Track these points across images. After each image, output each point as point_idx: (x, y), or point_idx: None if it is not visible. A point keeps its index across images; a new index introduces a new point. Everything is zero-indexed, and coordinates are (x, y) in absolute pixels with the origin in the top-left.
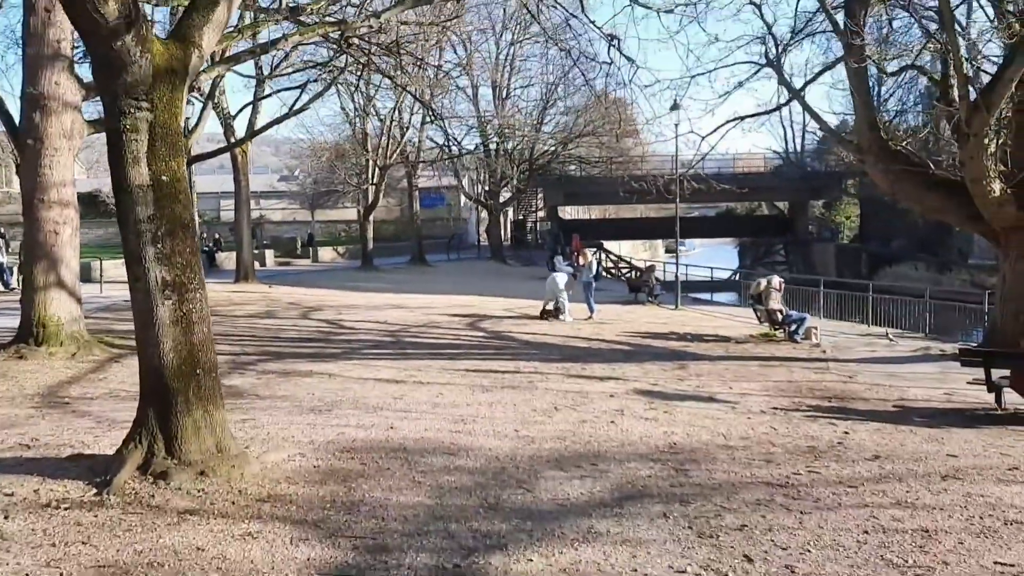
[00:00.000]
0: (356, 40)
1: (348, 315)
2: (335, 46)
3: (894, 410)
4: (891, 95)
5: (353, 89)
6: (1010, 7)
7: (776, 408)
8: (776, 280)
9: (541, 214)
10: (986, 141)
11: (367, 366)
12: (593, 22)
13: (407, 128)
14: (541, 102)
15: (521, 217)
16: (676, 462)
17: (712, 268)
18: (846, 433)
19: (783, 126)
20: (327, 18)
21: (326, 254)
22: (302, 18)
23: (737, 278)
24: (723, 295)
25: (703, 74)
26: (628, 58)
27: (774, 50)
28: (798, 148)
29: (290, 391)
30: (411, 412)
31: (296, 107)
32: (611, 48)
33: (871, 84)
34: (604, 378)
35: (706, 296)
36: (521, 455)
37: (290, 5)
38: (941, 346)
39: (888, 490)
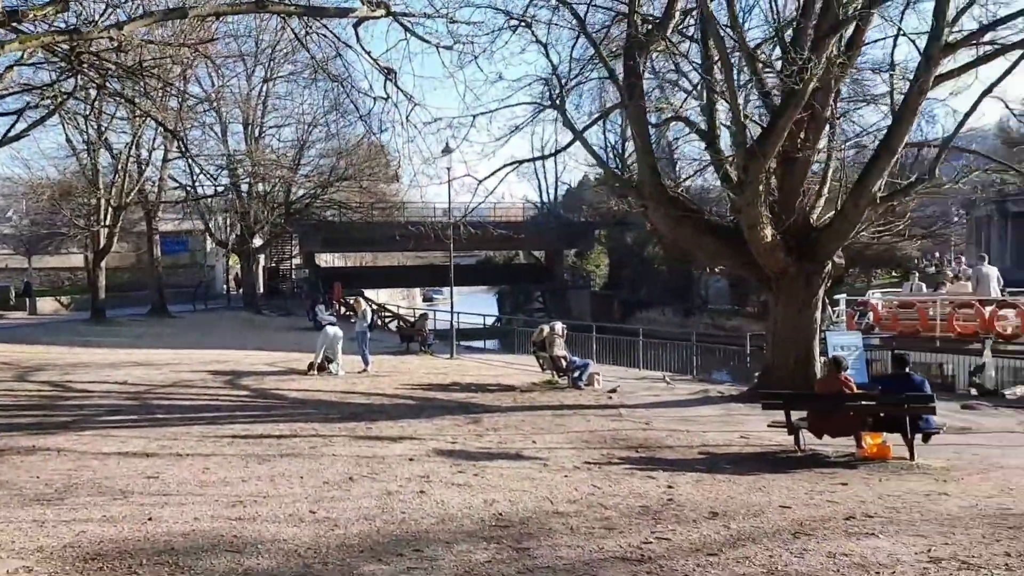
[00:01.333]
0: (89, 58)
1: (78, 375)
2: (63, 63)
3: (701, 457)
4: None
5: (84, 117)
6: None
7: (589, 463)
8: (559, 326)
9: (297, 261)
10: (760, 188)
11: (107, 437)
12: (369, 53)
13: (146, 165)
14: (298, 142)
15: (275, 264)
16: (511, 539)
17: (484, 316)
18: (670, 487)
19: (538, 177)
20: (55, 26)
21: (47, 305)
22: (23, 25)
23: (500, 324)
24: (491, 342)
25: (484, 114)
26: (405, 93)
27: (558, 90)
28: (552, 198)
29: (6, 476)
30: (172, 495)
31: (9, 135)
32: (387, 82)
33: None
34: (397, 438)
35: (478, 344)
36: (326, 545)
37: (6, 8)
38: (718, 388)
39: (750, 556)
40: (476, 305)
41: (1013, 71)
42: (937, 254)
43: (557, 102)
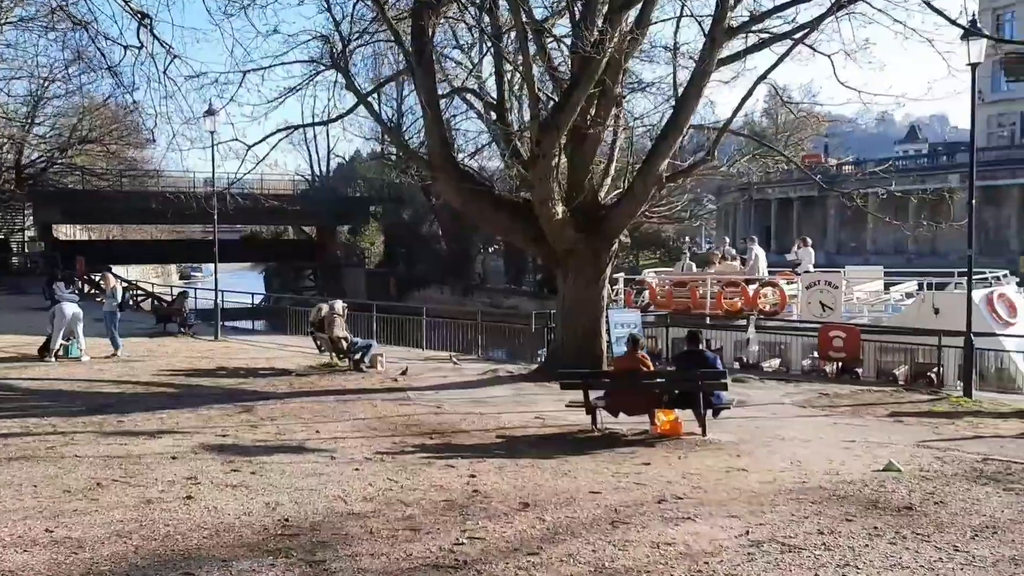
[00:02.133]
0: None
1: None
2: None
3: (500, 441)
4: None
5: None
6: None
7: (381, 453)
8: (339, 305)
9: (31, 233)
10: (553, 163)
11: None
12: None
13: None
14: (32, 98)
15: (2, 237)
16: (302, 550)
17: (253, 294)
18: (473, 476)
19: (309, 149)
20: None
21: None
22: None
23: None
24: (259, 323)
25: (256, 71)
26: (163, 43)
27: (340, 48)
28: (324, 172)
29: None
30: None
31: None
32: (141, 29)
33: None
34: (155, 433)
35: (245, 325)
36: (67, 574)
37: None
38: (507, 368)
39: (574, 553)
40: (241, 283)
41: (784, 60)
42: (687, 238)
43: (340, 63)
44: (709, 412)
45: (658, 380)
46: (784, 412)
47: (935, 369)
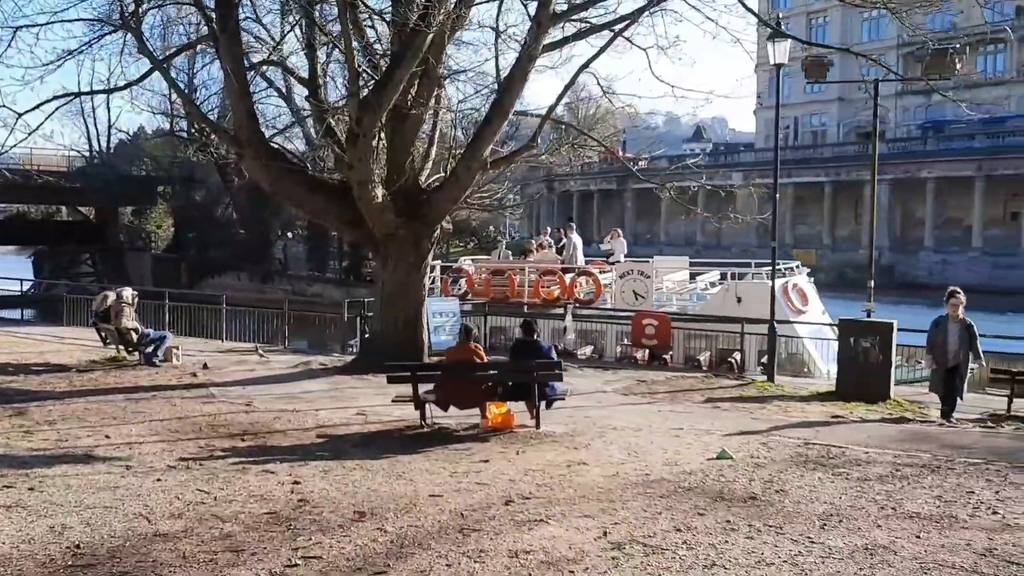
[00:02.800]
0: None
1: None
2: None
3: (322, 441)
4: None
5: None
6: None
7: (187, 459)
8: (128, 293)
9: None
10: (373, 143)
11: None
12: None
13: None
14: None
15: None
16: None
17: (22, 280)
18: (297, 483)
19: (86, 123)
20: None
21: None
22: None
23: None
24: (28, 312)
25: (29, 27)
26: None
27: (132, 7)
28: (103, 148)
29: None
30: None
31: None
32: None
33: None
34: None
35: (12, 315)
36: None
37: None
38: (319, 359)
39: (426, 567)
40: (5, 269)
41: (605, 51)
42: (492, 227)
43: (132, 23)
44: (543, 404)
45: (492, 372)
46: (609, 400)
47: (734, 355)
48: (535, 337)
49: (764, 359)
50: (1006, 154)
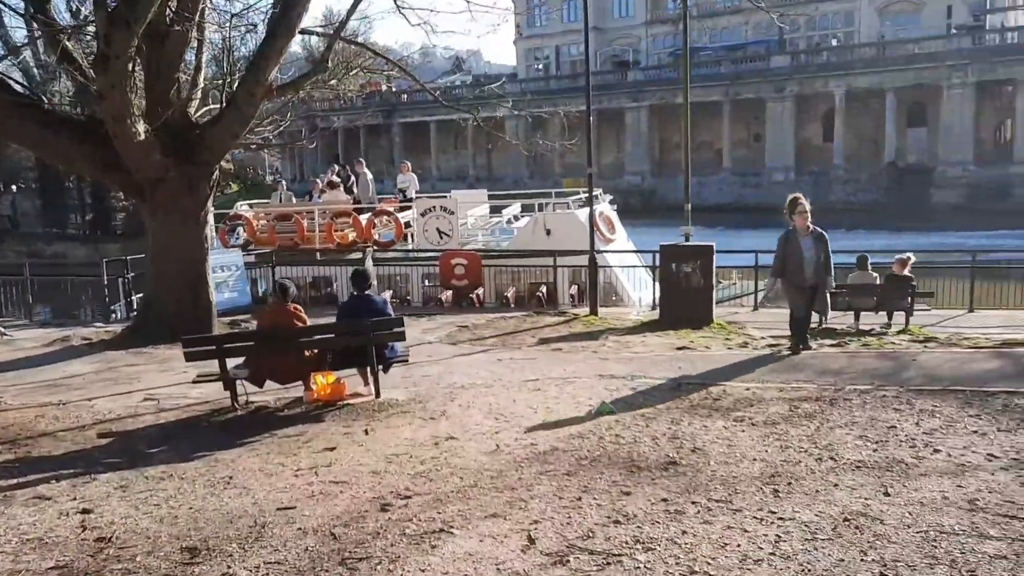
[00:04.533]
0: None
1: None
2: None
3: (108, 443)
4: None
5: None
6: None
7: None
8: None
9: None
10: (129, 68)
11: None
12: None
13: None
14: None
15: None
16: None
17: None
18: (87, 512)
19: None
20: None
21: None
22: None
23: None
24: None
25: None
26: None
27: None
28: None
29: None
30: None
31: None
32: None
33: None
34: None
35: None
36: None
37: None
38: (81, 333)
39: None
40: None
41: None
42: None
43: None
44: (380, 368)
45: (320, 337)
46: (438, 352)
47: (541, 288)
48: (368, 291)
49: (573, 291)
50: (748, 79)
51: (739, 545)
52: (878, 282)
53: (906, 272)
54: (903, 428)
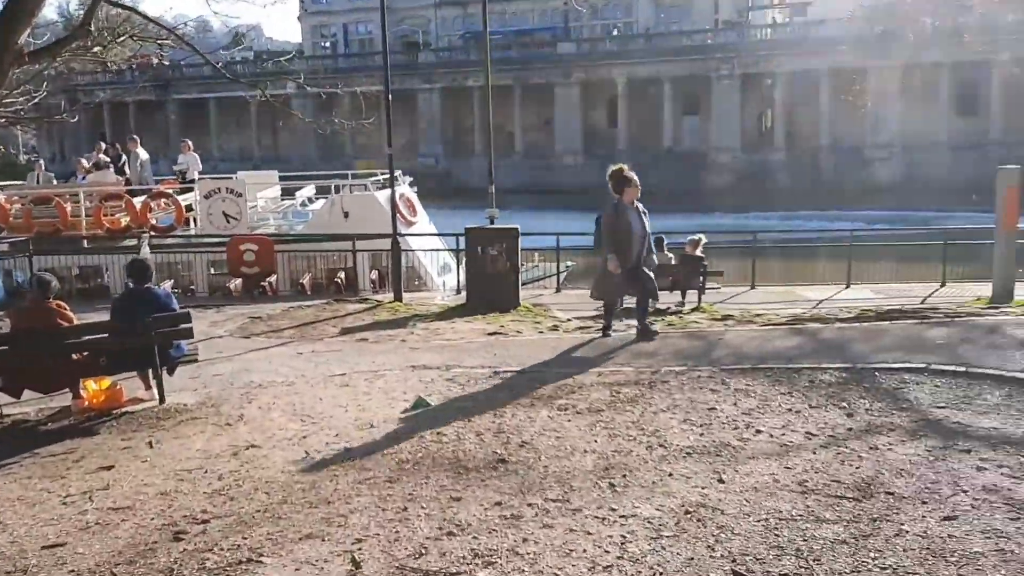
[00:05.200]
0: None
1: None
2: None
3: None
4: None
5: None
6: None
7: None
8: None
9: None
10: None
11: None
12: None
13: None
14: None
15: None
16: None
17: None
18: None
19: None
20: None
21: None
22: None
23: None
24: None
25: None
26: None
27: None
28: None
29: None
30: None
31: None
32: None
33: None
34: None
35: None
36: None
37: None
38: None
39: None
40: None
41: None
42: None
43: None
44: (164, 370)
45: (90, 337)
46: (231, 347)
47: (340, 274)
48: (149, 284)
49: (374, 276)
50: (537, 64)
51: (585, 551)
52: (673, 262)
53: (698, 252)
54: (723, 409)
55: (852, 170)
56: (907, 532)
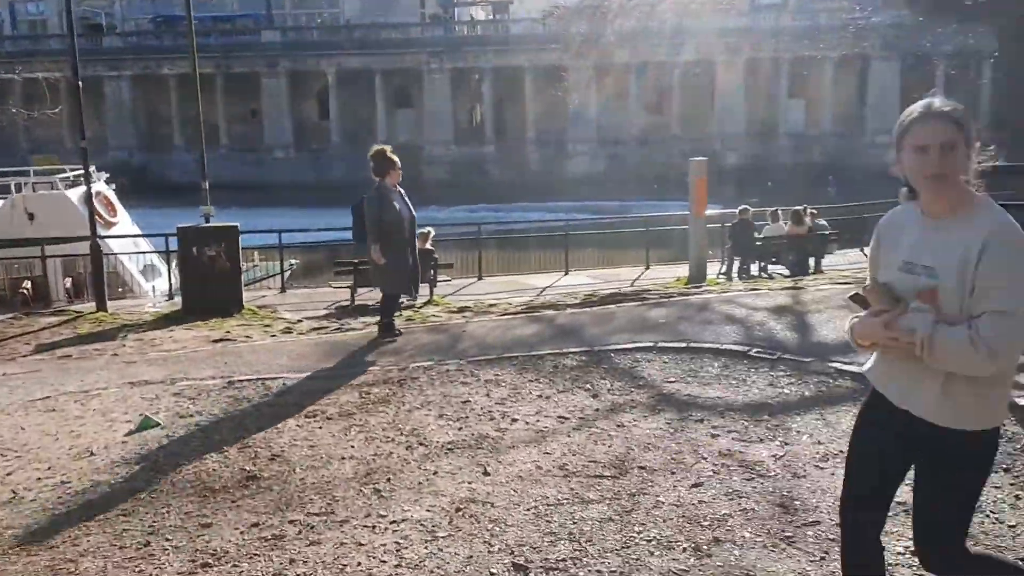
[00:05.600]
0: None
1: None
2: None
3: None
4: None
5: None
6: None
7: None
8: None
9: None
10: None
11: None
12: None
13: None
14: None
15: None
16: None
17: None
18: None
19: None
20: None
21: None
22: None
23: None
24: None
25: None
26: None
27: None
28: None
29: None
30: None
31: None
32: None
33: None
34: None
35: None
36: None
37: None
38: None
39: None
40: None
41: None
42: None
43: None
44: None
45: None
46: None
47: (25, 284)
48: None
49: (68, 284)
50: (240, 52)
51: (360, 564)
52: None
53: (428, 246)
54: (477, 401)
55: (557, 163)
56: (663, 503)
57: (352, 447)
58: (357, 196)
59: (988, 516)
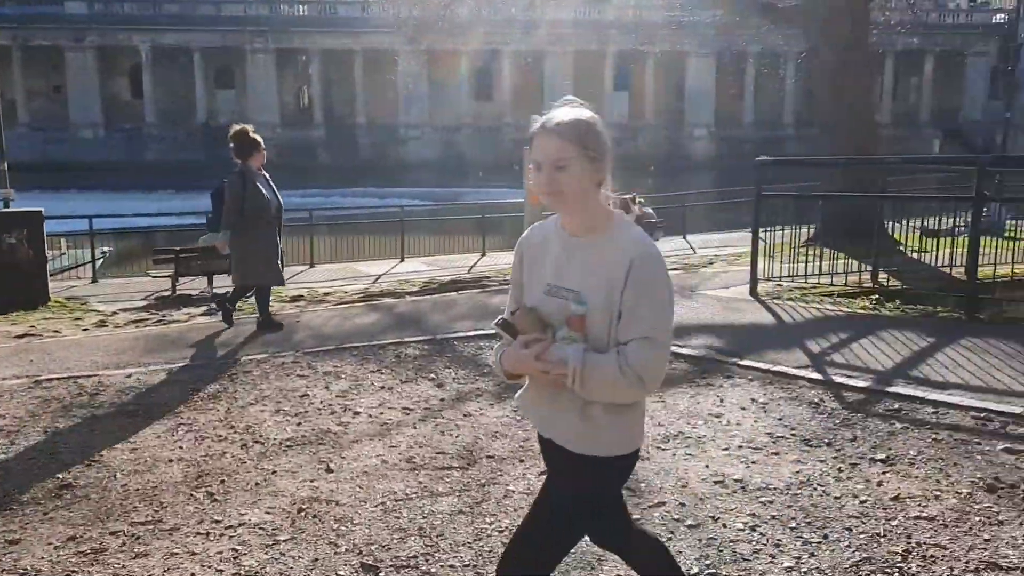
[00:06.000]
0: None
1: None
2: None
3: None
4: None
5: None
6: None
7: None
8: None
9: None
10: None
11: None
12: None
13: None
14: None
15: None
16: None
17: None
18: None
19: None
20: None
21: None
22: None
23: None
24: None
25: None
26: None
27: None
28: None
29: None
30: None
31: None
32: None
33: None
34: None
35: None
36: None
37: None
38: None
39: None
40: None
41: None
42: None
43: None
44: None
45: None
46: None
47: None
48: None
49: None
50: (41, 23)
51: (193, 574)
52: None
53: None
54: (316, 394)
55: (388, 148)
56: (514, 492)
57: (180, 448)
58: (173, 178)
59: (816, 489)
